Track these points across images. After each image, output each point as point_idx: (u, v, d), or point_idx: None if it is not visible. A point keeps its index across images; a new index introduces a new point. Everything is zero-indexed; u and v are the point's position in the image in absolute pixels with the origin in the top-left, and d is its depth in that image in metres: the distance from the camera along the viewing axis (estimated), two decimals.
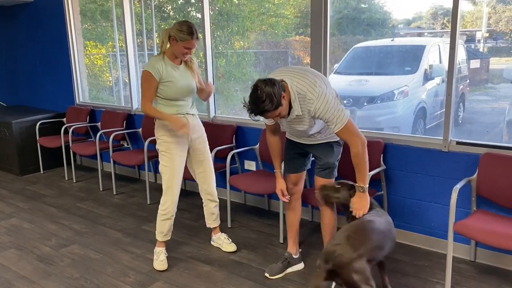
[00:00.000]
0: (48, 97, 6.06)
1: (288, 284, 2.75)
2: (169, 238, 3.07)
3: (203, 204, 3.27)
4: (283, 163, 2.82)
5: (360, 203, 2.41)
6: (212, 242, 3.33)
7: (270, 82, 2.24)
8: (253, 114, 2.28)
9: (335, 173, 2.69)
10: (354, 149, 2.37)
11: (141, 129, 4.76)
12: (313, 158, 2.80)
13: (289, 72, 2.41)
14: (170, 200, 2.97)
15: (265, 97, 2.20)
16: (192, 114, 3.04)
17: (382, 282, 2.51)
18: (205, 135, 3.18)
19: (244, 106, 2.30)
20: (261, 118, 2.48)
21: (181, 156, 3.00)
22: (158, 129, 2.99)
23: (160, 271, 2.96)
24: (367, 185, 2.42)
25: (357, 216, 2.38)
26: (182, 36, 2.73)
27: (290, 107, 2.38)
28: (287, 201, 2.76)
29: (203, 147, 3.14)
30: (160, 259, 3.01)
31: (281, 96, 2.26)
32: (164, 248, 3.06)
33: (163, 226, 3.01)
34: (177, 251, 3.23)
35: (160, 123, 2.97)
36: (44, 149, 5.36)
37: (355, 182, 2.42)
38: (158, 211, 3.01)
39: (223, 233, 3.32)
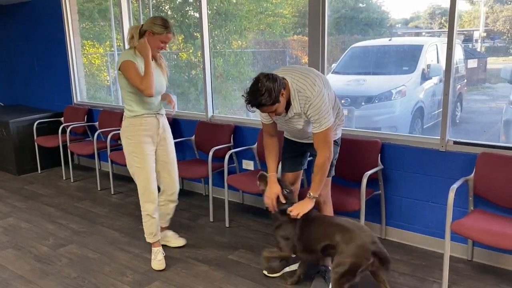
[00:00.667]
0: (46, 96, 6.05)
1: (286, 283, 2.75)
2: (160, 237, 3.07)
3: (161, 204, 3.17)
4: (280, 163, 2.82)
5: (302, 207, 2.50)
6: None
7: (272, 77, 2.27)
8: (250, 106, 2.32)
9: (332, 172, 2.69)
10: (321, 159, 2.43)
11: None
12: (310, 158, 2.81)
13: (291, 71, 2.44)
14: (151, 201, 2.95)
15: (265, 91, 2.24)
16: (162, 114, 3.02)
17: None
18: (171, 135, 3.15)
19: (242, 96, 2.33)
20: (259, 115, 2.49)
21: (152, 155, 2.96)
22: (126, 129, 2.90)
23: (158, 270, 2.96)
24: (317, 195, 2.51)
25: (292, 214, 2.48)
26: (160, 29, 2.70)
27: (289, 105, 2.40)
28: (274, 211, 2.61)
29: (171, 145, 3.12)
30: (158, 259, 3.00)
31: (280, 93, 2.28)
32: (161, 247, 3.06)
33: (151, 227, 3.00)
34: (174, 251, 3.23)
35: (127, 123, 2.90)
36: (42, 149, 5.35)
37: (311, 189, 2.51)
38: (142, 215, 2.99)
39: (169, 230, 3.30)
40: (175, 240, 3.27)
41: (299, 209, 2.50)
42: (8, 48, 6.41)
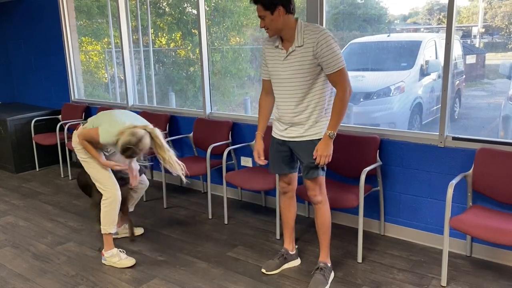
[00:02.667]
0: (43, 94, 6.03)
1: (285, 280, 2.75)
2: None
3: None
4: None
5: (326, 150, 2.46)
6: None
7: None
8: None
9: (318, 173, 2.57)
10: (342, 93, 2.42)
11: None
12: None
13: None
14: (114, 188, 2.96)
15: None
16: None
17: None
18: None
19: None
20: (260, 69, 2.62)
21: None
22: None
23: (131, 266, 2.97)
24: (336, 133, 2.46)
25: (320, 163, 2.48)
26: (129, 153, 2.72)
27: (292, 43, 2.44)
28: (263, 163, 2.75)
29: None
30: (123, 258, 3.00)
31: (276, 6, 2.35)
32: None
33: (114, 213, 2.96)
34: (173, 248, 3.22)
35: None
36: (40, 147, 5.33)
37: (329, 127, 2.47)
38: (105, 207, 2.93)
39: None
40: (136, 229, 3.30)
41: (321, 152, 2.46)
42: (5, 45, 6.38)
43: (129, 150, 2.67)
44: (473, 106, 4.50)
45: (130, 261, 3.00)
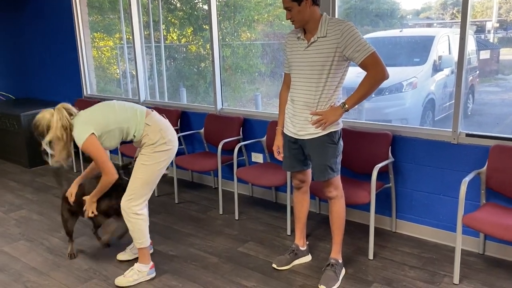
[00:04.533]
0: (56, 89, 6.09)
1: (295, 276, 2.75)
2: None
3: None
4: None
5: (330, 116, 2.45)
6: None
7: None
8: None
9: (331, 174, 2.55)
10: (372, 71, 2.37)
11: None
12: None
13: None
14: None
15: None
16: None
17: None
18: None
19: None
20: (283, 62, 2.60)
21: None
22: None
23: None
24: (350, 108, 2.45)
25: (318, 120, 2.46)
26: None
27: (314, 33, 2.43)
28: (281, 159, 2.75)
29: None
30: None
31: None
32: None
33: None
34: (184, 243, 3.24)
35: None
36: None
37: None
38: (145, 221, 2.85)
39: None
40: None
41: (326, 117, 2.44)
42: (18, 41, 6.44)
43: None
44: (486, 102, 4.45)
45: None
